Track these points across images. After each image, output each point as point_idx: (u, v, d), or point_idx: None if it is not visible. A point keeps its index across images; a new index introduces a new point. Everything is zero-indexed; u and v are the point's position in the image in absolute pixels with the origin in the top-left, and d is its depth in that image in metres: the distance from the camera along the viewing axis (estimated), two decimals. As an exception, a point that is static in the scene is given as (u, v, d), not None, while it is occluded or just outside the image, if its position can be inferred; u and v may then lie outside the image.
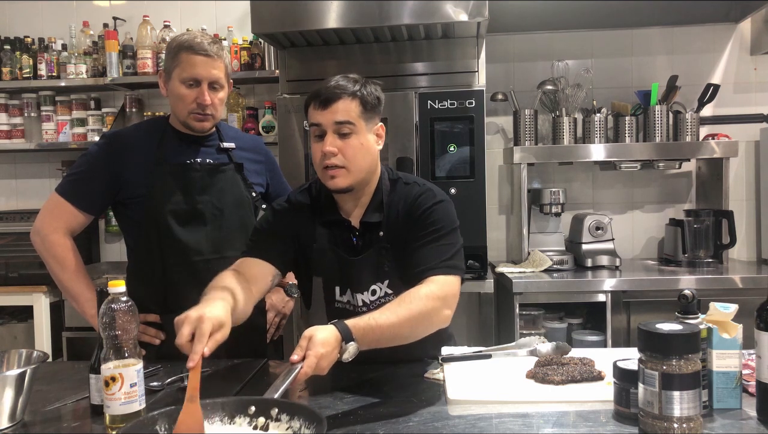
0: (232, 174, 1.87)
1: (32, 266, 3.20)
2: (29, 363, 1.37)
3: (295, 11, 2.72)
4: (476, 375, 1.50)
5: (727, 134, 3.10)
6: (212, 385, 1.26)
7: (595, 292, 2.74)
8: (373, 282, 1.56)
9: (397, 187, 1.61)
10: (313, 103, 1.52)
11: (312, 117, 1.52)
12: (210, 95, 1.76)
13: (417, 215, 1.53)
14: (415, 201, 1.56)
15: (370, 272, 1.56)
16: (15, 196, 3.75)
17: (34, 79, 3.44)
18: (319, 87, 1.54)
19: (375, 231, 1.56)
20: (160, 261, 1.78)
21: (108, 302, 1.23)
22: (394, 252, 1.54)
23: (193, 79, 1.74)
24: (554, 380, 1.41)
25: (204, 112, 1.76)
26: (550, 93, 3.16)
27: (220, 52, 1.78)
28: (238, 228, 1.84)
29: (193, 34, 1.80)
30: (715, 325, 1.24)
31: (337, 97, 1.49)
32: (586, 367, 1.45)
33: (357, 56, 3.03)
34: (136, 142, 1.82)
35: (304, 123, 2.82)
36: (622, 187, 3.38)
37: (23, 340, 3.25)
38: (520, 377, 1.47)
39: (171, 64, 1.78)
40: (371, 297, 1.56)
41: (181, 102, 1.77)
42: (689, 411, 1.10)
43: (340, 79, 1.54)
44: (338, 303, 1.59)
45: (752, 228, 3.33)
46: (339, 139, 1.49)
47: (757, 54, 3.28)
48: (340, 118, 1.48)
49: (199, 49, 1.73)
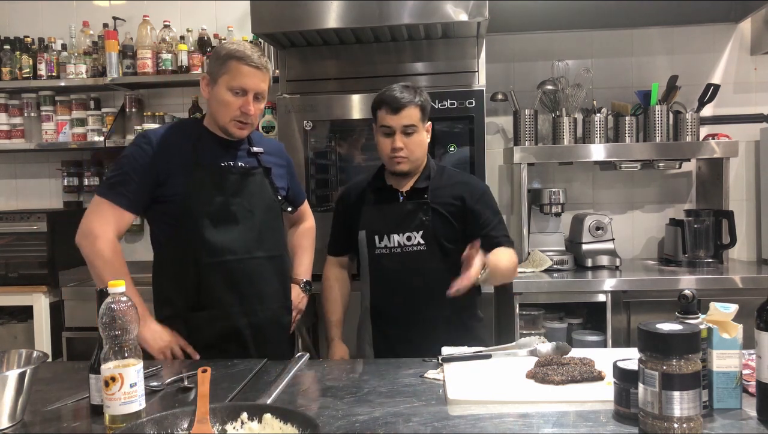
0: (261, 177, 1.93)
1: (32, 266, 3.21)
2: (29, 363, 1.37)
3: (295, 11, 2.72)
4: (476, 375, 1.50)
5: (727, 134, 3.10)
6: (212, 386, 1.26)
7: (595, 292, 2.74)
8: (410, 229, 1.97)
9: (446, 171, 2.10)
10: (385, 109, 1.93)
11: (383, 120, 1.94)
12: (253, 105, 1.82)
13: (474, 195, 2.01)
14: (470, 181, 2.09)
15: (409, 218, 1.98)
16: (15, 196, 3.75)
17: (34, 79, 3.44)
18: (386, 95, 1.94)
19: (420, 194, 2.00)
20: (193, 259, 1.81)
21: (108, 302, 1.23)
22: (433, 211, 1.97)
23: (242, 88, 1.79)
24: (554, 380, 1.41)
25: (246, 120, 1.83)
26: (550, 93, 3.16)
27: (268, 66, 1.85)
28: (267, 230, 1.91)
29: (243, 44, 1.84)
30: (715, 325, 1.24)
31: (405, 105, 1.92)
32: (586, 367, 1.46)
33: (357, 56, 3.03)
34: (174, 142, 1.85)
35: (304, 123, 2.82)
36: (622, 187, 3.38)
37: (23, 340, 3.24)
38: (520, 377, 1.48)
39: (218, 70, 1.81)
40: (406, 242, 1.97)
41: (225, 108, 1.82)
42: (689, 411, 1.10)
43: (403, 89, 1.94)
44: (378, 249, 2.00)
45: (752, 228, 3.33)
46: (405, 137, 1.93)
47: (757, 54, 3.28)
48: (406, 122, 1.92)
49: (250, 60, 1.79)
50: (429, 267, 1.96)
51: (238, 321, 1.85)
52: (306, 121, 2.83)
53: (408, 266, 1.96)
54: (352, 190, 2.13)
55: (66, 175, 3.60)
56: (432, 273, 1.95)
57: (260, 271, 1.88)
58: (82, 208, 3.67)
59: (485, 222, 1.99)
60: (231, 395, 1.43)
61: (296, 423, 1.12)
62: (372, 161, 2.92)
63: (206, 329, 1.83)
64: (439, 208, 1.98)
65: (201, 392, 1.19)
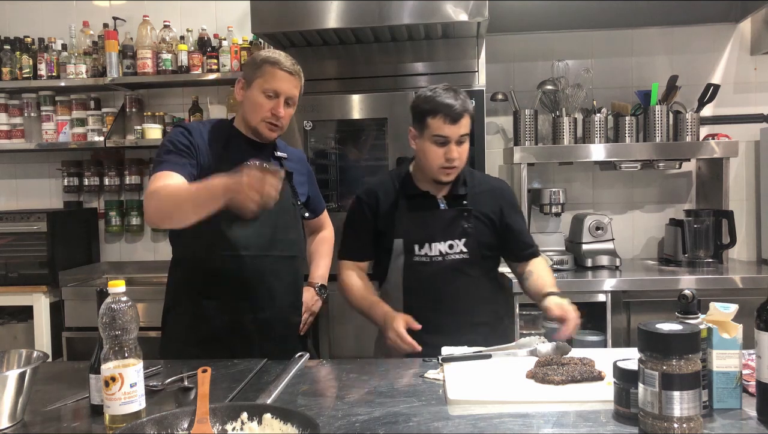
0: (283, 181, 1.91)
1: (32, 266, 3.21)
2: (29, 363, 1.37)
3: (295, 11, 2.72)
4: (476, 375, 1.50)
5: (727, 134, 3.10)
6: (212, 386, 1.26)
7: (595, 292, 2.74)
8: (452, 237, 1.94)
9: (475, 174, 2.08)
10: (441, 118, 1.85)
11: (438, 129, 1.86)
12: (284, 109, 1.86)
13: (508, 202, 2.02)
14: (502, 186, 2.07)
15: (451, 226, 1.94)
16: (15, 195, 3.75)
17: (34, 79, 3.44)
18: (438, 102, 1.86)
19: (460, 201, 1.97)
20: (208, 251, 1.84)
21: (108, 302, 1.23)
22: (474, 217, 1.95)
23: (274, 91, 1.84)
24: (554, 380, 1.41)
25: (276, 123, 1.87)
26: (550, 93, 3.16)
27: (301, 73, 1.90)
28: (283, 230, 1.93)
29: (278, 52, 1.90)
30: (715, 325, 1.24)
31: (462, 115, 1.85)
32: (586, 367, 1.45)
33: (357, 56, 3.03)
34: (208, 137, 1.89)
35: (304, 123, 2.83)
36: (622, 187, 3.38)
37: (23, 340, 3.25)
38: (521, 377, 1.48)
39: (254, 73, 1.86)
40: (448, 250, 1.93)
41: (257, 109, 1.86)
42: (689, 411, 1.10)
43: (452, 95, 1.87)
44: (416, 256, 1.94)
45: (752, 228, 3.33)
46: (458, 146, 1.87)
47: (757, 54, 3.28)
48: (463, 131, 1.87)
49: (284, 66, 1.85)
50: (471, 274, 1.95)
51: (244, 316, 1.87)
52: (306, 121, 2.83)
53: (450, 274, 1.93)
54: (378, 195, 2.03)
55: (66, 175, 3.60)
56: (473, 280, 1.95)
57: (273, 270, 1.90)
58: (82, 207, 3.67)
59: (519, 229, 2.02)
60: (231, 395, 1.43)
61: (296, 423, 1.12)
62: (372, 161, 2.93)
63: (212, 320, 1.85)
64: (479, 214, 1.96)
65: (201, 392, 1.19)
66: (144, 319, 2.78)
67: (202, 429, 1.14)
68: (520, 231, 2.03)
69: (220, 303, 1.86)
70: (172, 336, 1.94)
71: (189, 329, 1.88)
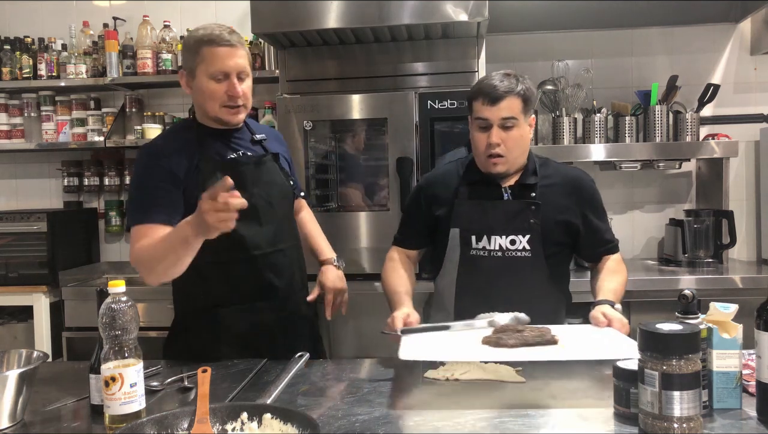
0: (272, 164, 1.86)
1: (32, 266, 3.21)
2: (29, 363, 1.37)
3: (295, 11, 2.72)
4: (432, 342, 1.54)
5: (727, 134, 3.10)
6: (212, 386, 1.26)
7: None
8: (515, 232, 1.77)
9: (550, 163, 1.89)
10: (481, 99, 1.72)
11: (479, 111, 1.73)
12: (239, 85, 1.72)
13: (588, 192, 1.85)
14: (580, 177, 1.88)
15: (514, 220, 1.77)
16: (15, 196, 3.75)
17: (34, 79, 3.44)
18: (484, 84, 1.74)
19: (528, 191, 1.79)
20: (218, 256, 1.72)
21: (108, 302, 1.23)
22: (542, 212, 1.77)
23: (221, 72, 1.69)
24: (508, 343, 1.44)
25: (236, 103, 1.73)
26: (550, 93, 3.16)
27: (241, 40, 1.73)
28: (286, 220, 1.87)
29: (209, 27, 1.73)
30: (715, 325, 1.24)
31: (504, 96, 1.70)
32: (540, 332, 1.49)
33: (357, 56, 3.03)
34: (176, 147, 1.75)
35: (304, 123, 2.82)
36: (622, 187, 3.38)
37: (23, 340, 3.24)
38: (476, 343, 1.51)
39: (193, 61, 1.72)
40: (509, 245, 1.77)
41: (211, 98, 1.72)
42: (689, 411, 1.10)
43: (503, 77, 1.73)
44: (474, 250, 1.79)
45: (752, 228, 3.33)
46: (503, 132, 1.72)
47: (757, 54, 3.28)
48: (505, 114, 1.71)
49: (221, 40, 1.68)
50: (532, 274, 1.78)
51: (267, 316, 1.79)
52: (306, 121, 2.83)
53: (509, 272, 1.77)
54: (438, 180, 1.90)
55: (66, 175, 3.59)
56: (534, 281, 1.78)
57: (284, 263, 1.83)
58: (82, 207, 3.67)
59: (596, 228, 1.85)
60: (231, 395, 1.43)
61: (296, 423, 1.12)
62: (372, 161, 2.93)
63: (235, 326, 1.76)
64: (548, 208, 1.78)
65: (201, 392, 1.19)
66: (144, 319, 2.78)
67: (202, 429, 1.14)
68: (597, 229, 1.85)
69: (240, 308, 1.77)
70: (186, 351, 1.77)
71: (209, 345, 1.76)
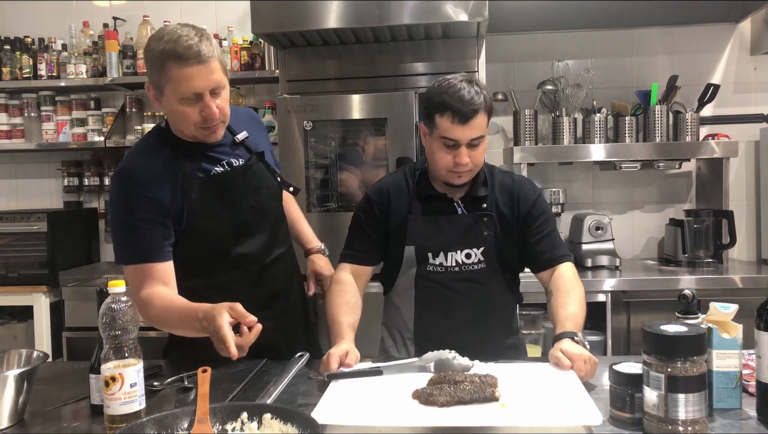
0: (258, 166, 1.74)
1: (32, 266, 3.21)
2: (29, 363, 1.37)
3: (295, 11, 2.72)
4: (356, 394, 1.36)
5: (727, 134, 3.10)
6: (212, 386, 1.26)
7: (595, 292, 2.74)
8: (469, 246, 1.73)
9: (495, 172, 1.84)
10: (450, 117, 1.60)
11: (447, 131, 1.62)
12: (214, 103, 1.53)
13: (528, 204, 1.76)
14: (521, 188, 1.79)
15: (468, 233, 1.73)
16: (15, 196, 3.75)
17: (34, 79, 3.44)
18: (450, 96, 1.60)
19: (479, 203, 1.75)
20: (217, 279, 1.67)
21: (108, 302, 1.23)
22: (495, 224, 1.74)
23: (192, 93, 1.50)
24: (438, 401, 1.27)
25: (212, 124, 1.56)
26: (550, 93, 3.16)
27: (211, 48, 1.50)
28: (278, 223, 1.80)
29: (173, 33, 1.49)
30: (715, 325, 1.24)
31: (475, 113, 1.60)
32: (480, 387, 1.30)
33: (357, 56, 3.03)
34: (156, 170, 1.60)
35: (304, 123, 2.82)
36: (622, 187, 3.38)
37: (23, 340, 3.25)
38: (406, 397, 1.33)
39: (159, 78, 1.51)
40: (465, 259, 1.73)
41: (183, 120, 1.56)
42: (694, 413, 1.09)
43: (468, 87, 1.61)
44: (430, 265, 1.74)
45: (752, 228, 3.33)
46: (470, 150, 1.64)
47: (757, 54, 3.28)
48: (476, 133, 1.62)
49: (189, 56, 1.46)
50: (489, 285, 1.76)
51: (267, 323, 1.60)
52: (306, 121, 2.83)
53: (466, 284, 1.74)
54: (390, 195, 1.78)
55: (66, 175, 3.60)
56: (489, 290, 1.76)
57: (281, 269, 1.78)
58: (83, 207, 3.67)
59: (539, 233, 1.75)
60: (231, 395, 1.43)
61: (296, 423, 1.12)
62: (372, 161, 2.93)
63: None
64: (498, 219, 1.74)
65: (201, 392, 1.19)
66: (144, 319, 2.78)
67: (202, 429, 1.14)
68: (541, 235, 1.75)
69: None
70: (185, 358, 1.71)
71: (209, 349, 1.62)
